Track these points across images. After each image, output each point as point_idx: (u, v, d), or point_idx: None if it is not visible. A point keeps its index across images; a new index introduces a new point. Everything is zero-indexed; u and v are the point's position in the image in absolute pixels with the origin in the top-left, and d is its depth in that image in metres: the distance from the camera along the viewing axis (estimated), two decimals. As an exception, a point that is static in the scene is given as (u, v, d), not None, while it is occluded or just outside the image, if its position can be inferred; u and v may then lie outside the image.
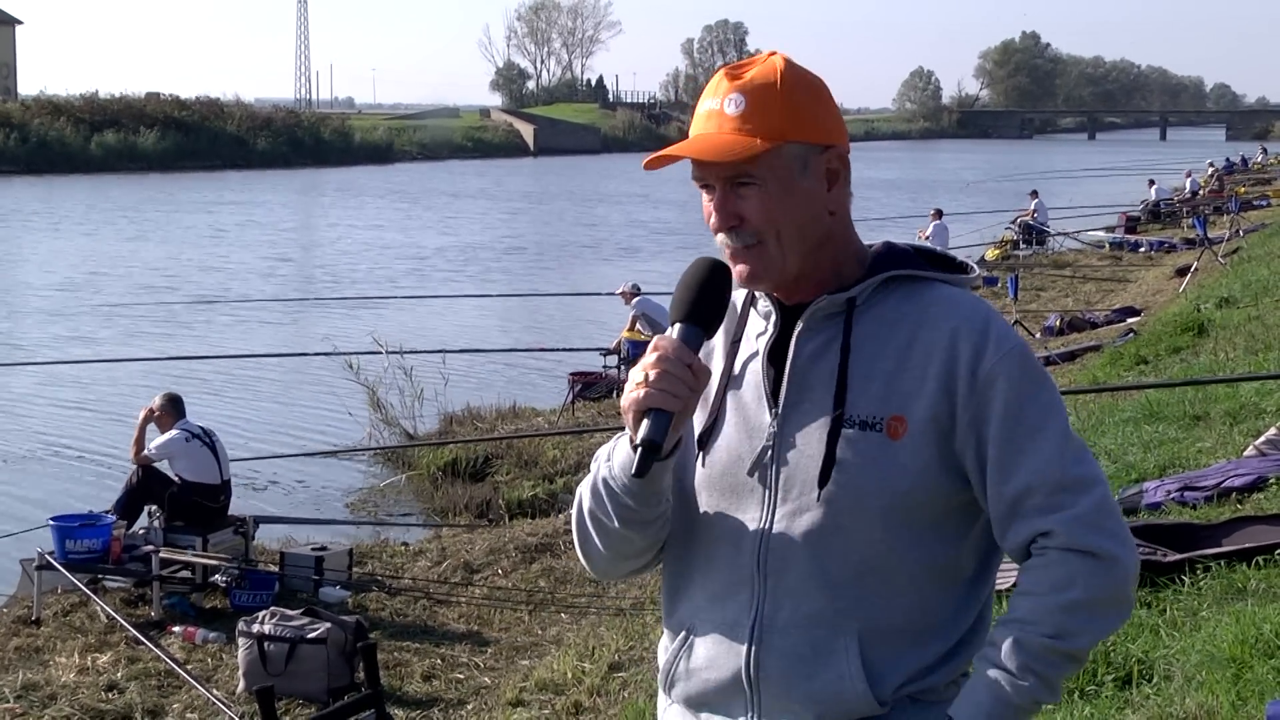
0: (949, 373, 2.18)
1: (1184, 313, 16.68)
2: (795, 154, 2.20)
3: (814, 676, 2.18)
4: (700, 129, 2.21)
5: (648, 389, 2.09)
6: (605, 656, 8.03)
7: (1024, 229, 33.03)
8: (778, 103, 2.19)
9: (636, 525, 2.22)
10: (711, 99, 2.22)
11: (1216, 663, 4.91)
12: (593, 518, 2.26)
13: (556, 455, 13.88)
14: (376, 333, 17.70)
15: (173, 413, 10.84)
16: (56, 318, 24.50)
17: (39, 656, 8.90)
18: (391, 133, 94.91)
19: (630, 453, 2.14)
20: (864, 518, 2.17)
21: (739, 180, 2.19)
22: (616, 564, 2.34)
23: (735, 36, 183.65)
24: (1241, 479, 7.64)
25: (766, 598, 2.20)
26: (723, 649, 2.24)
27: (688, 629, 2.30)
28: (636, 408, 2.10)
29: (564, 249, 38.75)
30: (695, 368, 2.12)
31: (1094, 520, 2.15)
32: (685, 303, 2.17)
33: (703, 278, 2.18)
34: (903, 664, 2.20)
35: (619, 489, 2.19)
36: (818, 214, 2.24)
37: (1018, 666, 2.12)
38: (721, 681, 2.24)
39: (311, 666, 8.13)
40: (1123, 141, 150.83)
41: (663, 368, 2.10)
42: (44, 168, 66.21)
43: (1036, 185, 36.87)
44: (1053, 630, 2.12)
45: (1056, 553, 2.15)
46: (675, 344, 2.13)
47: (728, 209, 2.20)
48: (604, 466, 2.23)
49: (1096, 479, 2.20)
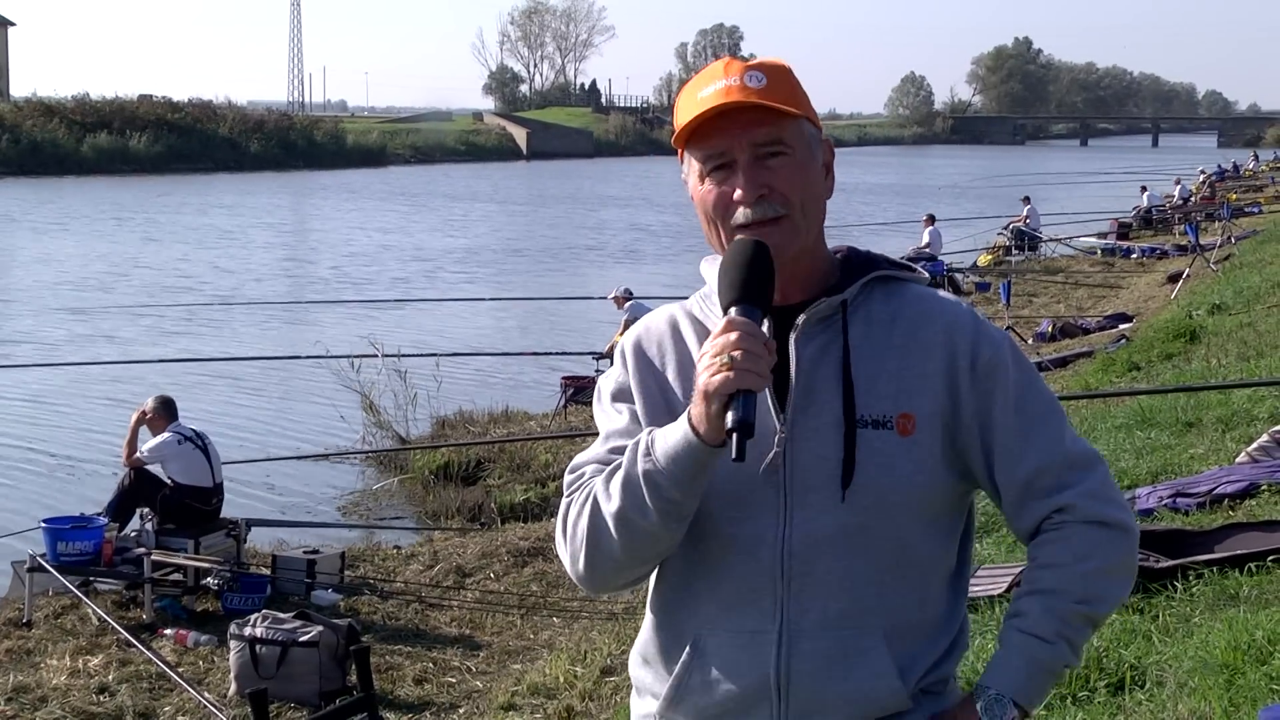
0: (950, 367, 2.23)
1: (1176, 319, 16.71)
2: (812, 134, 2.26)
3: (847, 677, 2.19)
4: (719, 101, 2.18)
5: (737, 370, 2.01)
6: (597, 660, 8.03)
7: (1016, 235, 33.08)
8: (794, 84, 2.25)
9: (675, 520, 2.15)
10: (723, 79, 2.20)
11: (1209, 669, 4.91)
12: (620, 519, 2.15)
13: (549, 459, 13.88)
14: (370, 336, 17.68)
15: (165, 415, 10.82)
16: (51, 319, 24.44)
17: (30, 659, 8.88)
18: (384, 136, 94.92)
19: (685, 442, 2.07)
20: (885, 516, 2.19)
21: (769, 150, 2.20)
22: (625, 571, 2.25)
23: (730, 41, 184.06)
24: (1234, 485, 7.66)
25: (791, 602, 2.19)
26: (745, 657, 2.22)
27: (694, 641, 2.26)
28: (725, 389, 2.01)
29: (557, 253, 38.74)
30: (769, 346, 2.06)
31: (1105, 493, 2.26)
32: (740, 283, 2.11)
33: (749, 257, 2.13)
34: (923, 657, 2.25)
35: (667, 481, 2.10)
36: (823, 196, 2.29)
37: (1051, 632, 2.20)
38: (745, 690, 2.22)
39: (304, 670, 8.13)
40: (1115, 148, 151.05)
41: (746, 346, 2.02)
42: (36, 169, 66.07)
43: (1029, 191, 36.93)
44: (1081, 597, 2.21)
45: (1074, 526, 2.23)
46: (748, 322, 2.06)
47: (758, 179, 2.19)
48: (643, 462, 2.12)
49: (1098, 455, 2.32)
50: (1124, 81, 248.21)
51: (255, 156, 78.89)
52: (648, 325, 2.38)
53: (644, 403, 2.30)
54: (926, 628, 2.26)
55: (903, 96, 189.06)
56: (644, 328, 2.38)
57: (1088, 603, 2.22)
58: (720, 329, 2.07)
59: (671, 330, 2.34)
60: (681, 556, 2.25)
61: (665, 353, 2.32)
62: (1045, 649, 2.19)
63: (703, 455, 2.08)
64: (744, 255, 2.14)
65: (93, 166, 69.01)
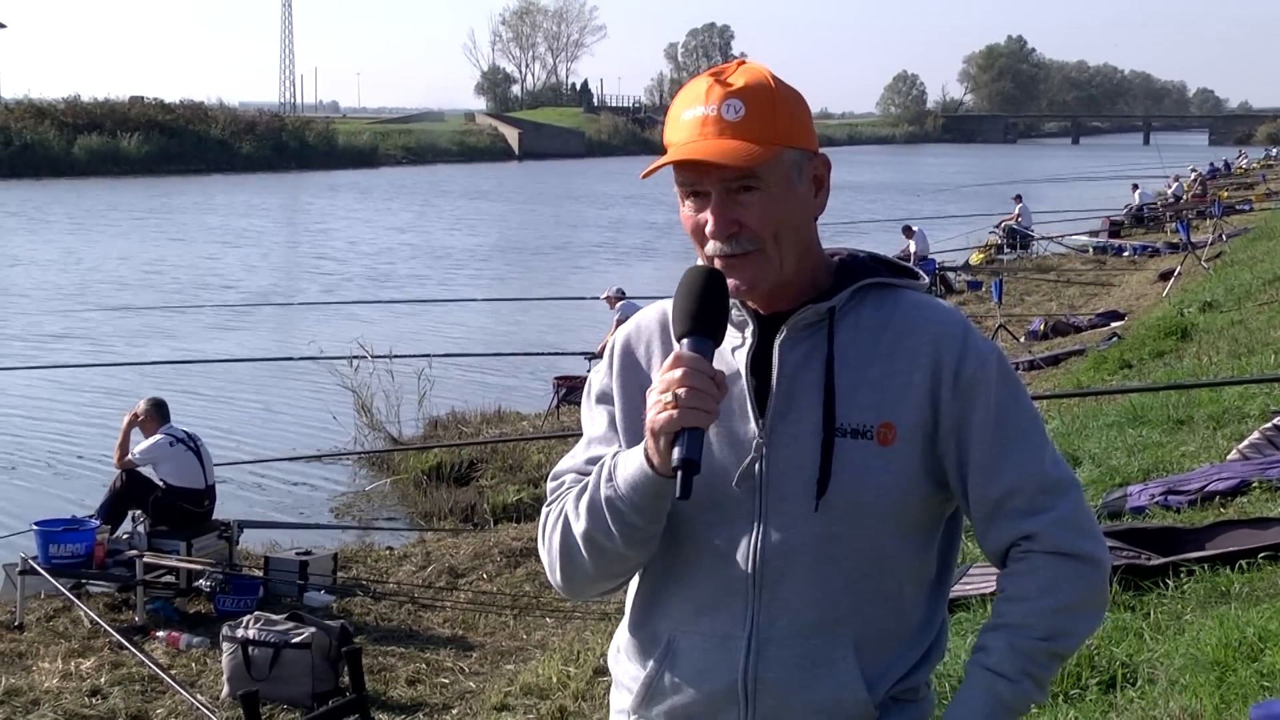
0: (933, 377, 2.20)
1: (1167, 317, 16.73)
2: (793, 160, 2.20)
3: (814, 686, 2.19)
4: (695, 134, 2.17)
5: (680, 409, 2.02)
6: (590, 661, 8.03)
7: (1008, 233, 33.11)
8: (776, 109, 2.18)
9: (639, 544, 2.18)
10: (702, 105, 2.17)
11: (1200, 666, 4.92)
12: (588, 540, 2.19)
13: (541, 460, 13.86)
14: (361, 337, 17.65)
15: (157, 417, 10.81)
16: (41, 321, 24.38)
17: (21, 662, 8.86)
18: (376, 137, 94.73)
19: (641, 471, 2.10)
20: (861, 525, 2.17)
21: (740, 186, 2.16)
22: (599, 584, 2.29)
23: (720, 40, 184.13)
24: (1225, 483, 7.66)
25: (762, 609, 2.19)
26: (714, 661, 2.22)
27: (667, 642, 2.27)
28: (669, 428, 2.03)
29: (548, 253, 38.72)
30: (718, 380, 2.07)
31: (1075, 522, 2.21)
32: (690, 314, 2.11)
33: (701, 287, 2.13)
34: (893, 668, 2.23)
35: (627, 508, 2.13)
36: (808, 219, 2.25)
37: (1014, 670, 2.16)
38: (713, 694, 2.22)
39: (296, 671, 8.11)
40: (1106, 146, 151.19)
41: (690, 384, 2.03)
42: (27, 171, 65.88)
43: (1020, 190, 36.95)
44: (1045, 633, 2.17)
45: (1042, 556, 2.19)
46: (696, 358, 2.07)
47: (727, 215, 2.16)
48: (605, 487, 2.15)
49: (1074, 481, 2.27)
50: (1115, 80, 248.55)
51: (247, 158, 78.73)
52: (639, 323, 2.38)
53: (623, 407, 2.31)
54: (901, 637, 2.25)
55: (894, 95, 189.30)
56: (635, 326, 2.38)
57: (1053, 639, 2.18)
58: (667, 364, 2.07)
59: (661, 329, 2.33)
60: (659, 557, 2.26)
61: (653, 353, 2.32)
62: (1009, 687, 2.16)
63: (658, 485, 2.10)
64: (696, 285, 2.13)
65: (84, 168, 68.81)
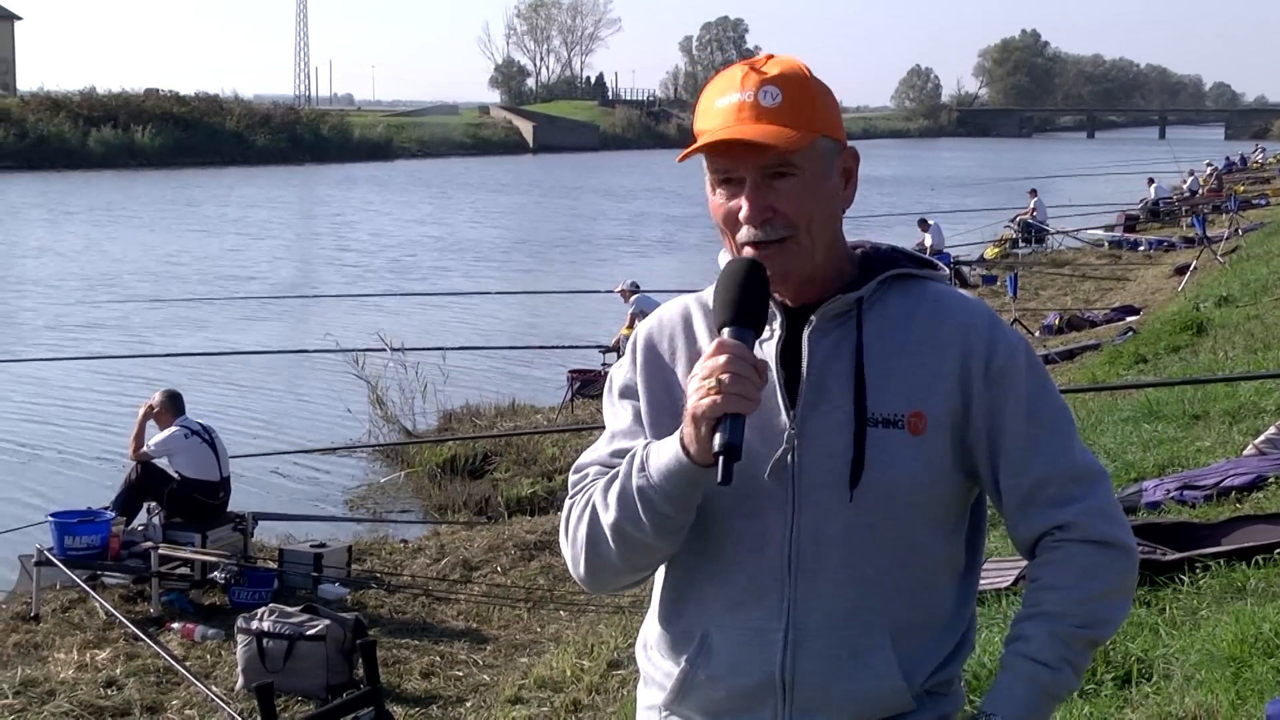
0: (963, 367, 2.21)
1: (1183, 311, 16.69)
2: (826, 149, 2.22)
3: (852, 677, 2.19)
4: (731, 120, 2.17)
5: (724, 394, 2.01)
6: (604, 654, 8.04)
7: (1023, 227, 33.06)
8: (813, 97, 2.20)
9: (669, 534, 2.17)
10: (738, 92, 2.18)
11: (1216, 662, 4.90)
12: (616, 530, 2.17)
13: (555, 453, 13.89)
14: (380, 330, 17.66)
15: (172, 409, 10.83)
16: (59, 312, 24.46)
17: (38, 653, 8.90)
18: (391, 129, 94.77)
19: (676, 460, 2.08)
20: (893, 514, 2.18)
21: (776, 172, 2.17)
22: (624, 576, 2.28)
23: (735, 34, 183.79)
24: (1241, 478, 7.64)
25: (798, 600, 2.19)
26: (749, 654, 2.21)
27: (701, 636, 2.26)
28: (712, 414, 2.02)
29: (571, 245, 38.73)
30: (759, 367, 2.06)
31: (1107, 511, 2.24)
32: (732, 304, 2.11)
33: (743, 277, 2.13)
34: (927, 658, 2.24)
35: (659, 497, 2.12)
36: (838, 210, 2.27)
37: (1055, 658, 2.18)
38: (749, 687, 2.22)
39: (310, 663, 8.13)
40: (1122, 140, 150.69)
41: (734, 370, 2.02)
42: (42, 164, 66.02)
43: (1036, 184, 36.87)
44: (1083, 621, 2.19)
45: (1077, 545, 2.21)
46: (739, 345, 2.06)
47: (762, 201, 2.17)
48: (637, 477, 2.14)
49: (1103, 470, 2.29)
50: (1131, 74, 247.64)
51: (262, 150, 78.85)
52: (660, 318, 2.38)
53: (649, 401, 2.30)
54: (933, 627, 2.25)
55: (909, 89, 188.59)
56: (656, 320, 2.38)
57: (1091, 627, 2.20)
58: (710, 351, 2.07)
59: (684, 323, 2.33)
60: (690, 551, 2.25)
61: (676, 348, 2.32)
62: (1049, 674, 2.18)
63: (694, 474, 2.09)
64: (737, 275, 2.13)
65: (99, 161, 68.92)
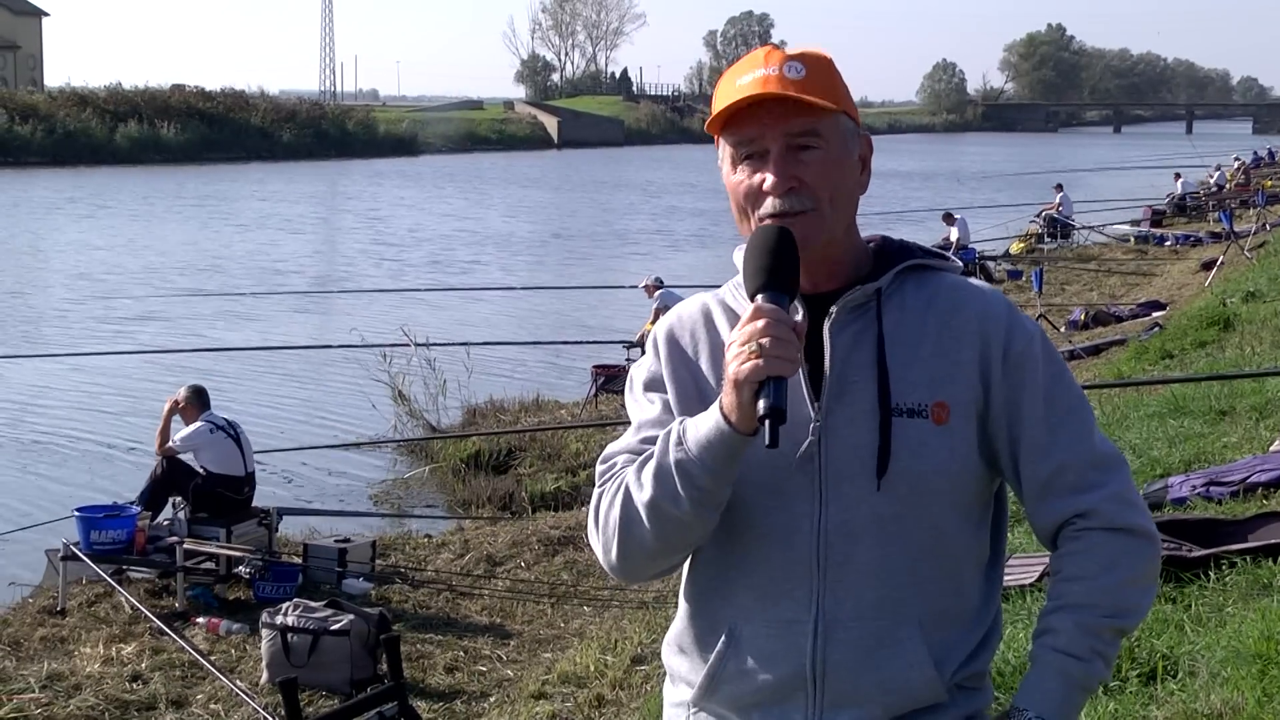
0: (982, 356, 2.22)
1: (1209, 307, 16.60)
2: (849, 128, 2.25)
3: (883, 667, 2.19)
4: (757, 91, 2.18)
5: (766, 358, 2.00)
6: (628, 649, 8.04)
7: (1049, 222, 32.98)
8: (834, 76, 2.23)
9: (707, 509, 2.14)
10: (763, 67, 2.19)
11: (1242, 659, 4.88)
12: (652, 509, 2.14)
13: (579, 448, 13.90)
14: (402, 325, 17.70)
15: (197, 405, 10.86)
16: (84, 308, 24.59)
17: (64, 647, 8.94)
18: (416, 125, 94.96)
19: (717, 430, 2.07)
20: (920, 504, 2.18)
21: (801, 143, 2.19)
22: (657, 561, 2.25)
23: (760, 29, 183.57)
24: (1268, 474, 7.59)
25: (827, 592, 2.19)
26: (779, 647, 2.21)
27: (729, 631, 2.26)
28: (755, 377, 2.01)
29: (588, 241, 38.73)
30: (798, 330, 2.07)
31: (1128, 497, 2.24)
32: (766, 269, 2.10)
33: (774, 244, 2.12)
34: (956, 648, 2.24)
35: (698, 470, 2.09)
36: (856, 192, 2.28)
37: (1084, 650, 2.17)
38: (780, 680, 2.22)
39: (335, 658, 8.15)
40: (1148, 135, 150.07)
41: (774, 333, 2.02)
42: (69, 159, 66.39)
43: (1061, 179, 36.74)
44: (1110, 610, 2.19)
45: (1099, 533, 2.21)
46: (776, 309, 2.05)
47: (788, 170, 2.18)
48: (675, 451, 2.11)
49: (1122, 457, 2.29)
50: (1158, 68, 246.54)
51: (287, 146, 79.14)
52: (680, 314, 2.38)
53: (676, 392, 2.29)
54: (962, 617, 2.25)
55: (934, 84, 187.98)
56: (676, 316, 2.38)
57: (1118, 616, 2.20)
58: (747, 316, 2.06)
59: (704, 319, 2.34)
60: (716, 545, 2.25)
61: (698, 341, 2.32)
62: (1080, 667, 2.17)
63: (735, 443, 2.07)
64: (768, 242, 2.13)
65: (125, 156, 69.28)
